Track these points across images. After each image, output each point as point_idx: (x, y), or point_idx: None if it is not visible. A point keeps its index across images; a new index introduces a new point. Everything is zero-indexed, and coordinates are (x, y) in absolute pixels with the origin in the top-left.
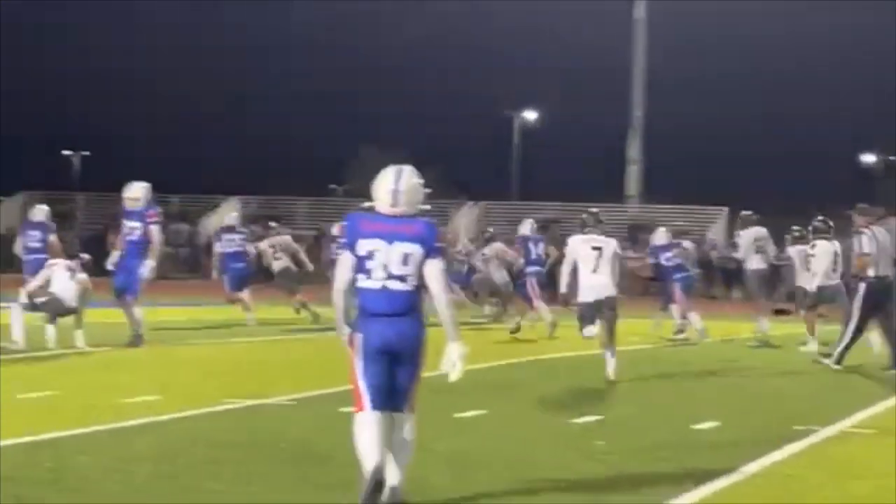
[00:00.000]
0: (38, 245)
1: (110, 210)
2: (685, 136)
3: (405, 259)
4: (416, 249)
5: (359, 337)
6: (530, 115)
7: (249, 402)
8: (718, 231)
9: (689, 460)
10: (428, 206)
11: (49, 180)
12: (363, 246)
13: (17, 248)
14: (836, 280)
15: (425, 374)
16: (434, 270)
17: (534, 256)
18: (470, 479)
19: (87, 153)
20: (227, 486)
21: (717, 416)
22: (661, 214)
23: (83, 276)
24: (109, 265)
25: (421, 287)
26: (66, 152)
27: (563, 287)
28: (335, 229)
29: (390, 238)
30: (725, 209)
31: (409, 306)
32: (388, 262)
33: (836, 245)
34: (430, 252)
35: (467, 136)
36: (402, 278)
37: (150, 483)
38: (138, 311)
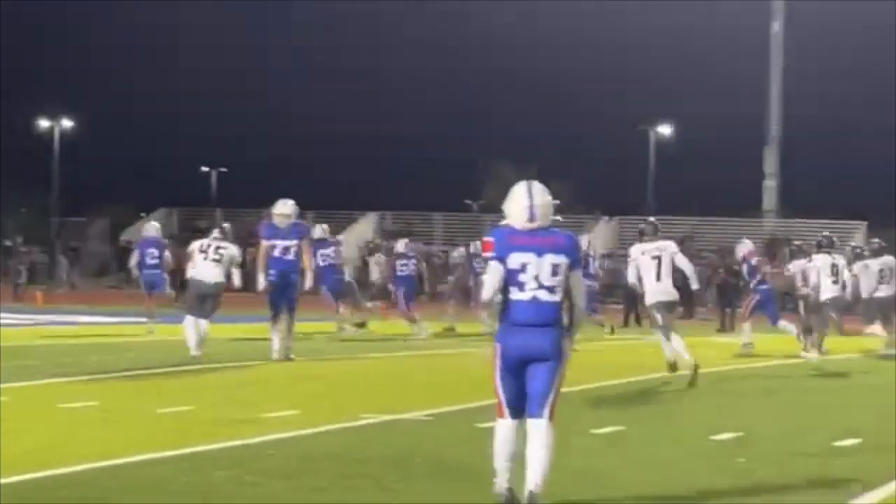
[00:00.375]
0: (154, 262)
1: (248, 226)
2: (823, 149)
3: (554, 270)
4: (563, 260)
5: (498, 347)
6: (665, 130)
7: (386, 418)
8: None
9: (832, 477)
10: (559, 217)
11: (188, 197)
12: (516, 259)
13: (132, 262)
14: (839, 292)
15: (564, 389)
16: (577, 281)
17: (591, 271)
18: (607, 497)
19: (225, 170)
20: (363, 501)
21: (858, 431)
22: (798, 228)
23: (223, 246)
24: (260, 291)
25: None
26: (204, 169)
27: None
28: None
29: (539, 251)
30: (864, 223)
31: (556, 317)
32: (539, 273)
33: (835, 258)
34: (574, 263)
35: (602, 150)
36: (551, 289)
37: (287, 497)
38: (293, 326)
